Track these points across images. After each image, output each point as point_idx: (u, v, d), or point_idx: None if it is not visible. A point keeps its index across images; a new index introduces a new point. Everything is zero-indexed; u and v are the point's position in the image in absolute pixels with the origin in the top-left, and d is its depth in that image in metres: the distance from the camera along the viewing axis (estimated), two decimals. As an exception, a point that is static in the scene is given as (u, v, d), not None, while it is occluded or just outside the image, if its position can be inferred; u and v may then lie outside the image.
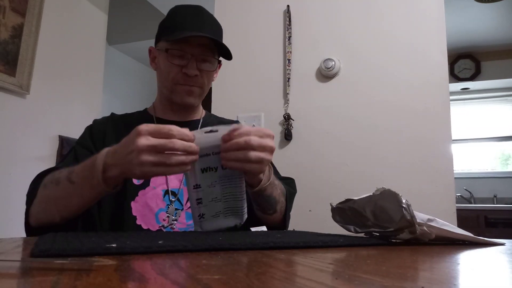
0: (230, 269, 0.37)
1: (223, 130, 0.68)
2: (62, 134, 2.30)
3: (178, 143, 0.63)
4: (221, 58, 1.00)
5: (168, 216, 0.88)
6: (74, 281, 0.30)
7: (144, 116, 1.03)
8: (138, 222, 0.87)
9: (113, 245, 0.44)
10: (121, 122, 1.01)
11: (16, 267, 0.37)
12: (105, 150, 0.69)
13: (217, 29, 0.98)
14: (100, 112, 2.63)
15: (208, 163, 0.68)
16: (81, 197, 0.73)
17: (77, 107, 2.45)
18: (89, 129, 0.99)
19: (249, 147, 0.67)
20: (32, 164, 2.09)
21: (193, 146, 0.65)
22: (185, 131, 0.65)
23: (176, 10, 0.97)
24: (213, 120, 1.10)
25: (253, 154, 0.67)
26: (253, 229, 0.89)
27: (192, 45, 0.92)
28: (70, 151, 0.95)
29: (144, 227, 0.87)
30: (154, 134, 0.63)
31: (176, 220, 0.88)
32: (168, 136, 0.63)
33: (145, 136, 0.63)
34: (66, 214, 0.76)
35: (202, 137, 0.67)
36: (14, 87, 1.99)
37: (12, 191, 1.98)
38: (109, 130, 0.97)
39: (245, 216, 0.73)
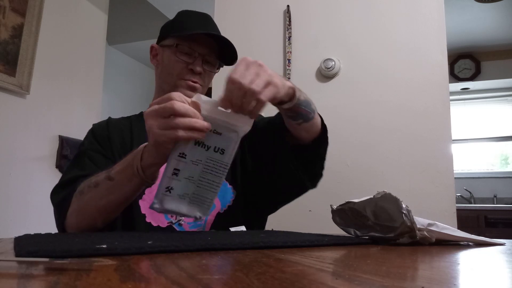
0: (230, 269, 0.37)
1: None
2: (62, 134, 2.30)
3: (177, 104, 0.62)
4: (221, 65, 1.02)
5: None
6: (74, 281, 0.30)
7: (142, 119, 1.03)
8: (147, 220, 0.88)
9: (103, 246, 0.44)
10: (121, 126, 1.01)
11: (16, 267, 0.37)
12: (144, 144, 0.71)
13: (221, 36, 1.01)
14: (100, 112, 2.63)
15: (205, 138, 0.65)
16: (123, 193, 0.74)
17: (77, 107, 2.45)
18: (91, 133, 0.99)
19: (245, 94, 0.64)
20: (32, 164, 2.09)
21: (190, 109, 0.63)
22: (187, 98, 0.65)
23: (185, 13, 1.01)
24: None
25: (264, 98, 0.65)
26: (232, 229, 0.88)
27: (201, 45, 0.95)
28: (82, 156, 0.93)
29: (154, 224, 0.88)
30: (159, 102, 0.65)
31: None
32: (168, 99, 0.64)
33: (152, 107, 0.66)
34: (107, 215, 0.78)
35: (209, 108, 0.64)
36: (14, 87, 2.00)
37: (12, 191, 1.98)
38: (112, 133, 0.97)
39: (208, 214, 0.69)
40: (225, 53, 0.98)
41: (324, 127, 0.94)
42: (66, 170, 0.94)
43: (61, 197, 0.85)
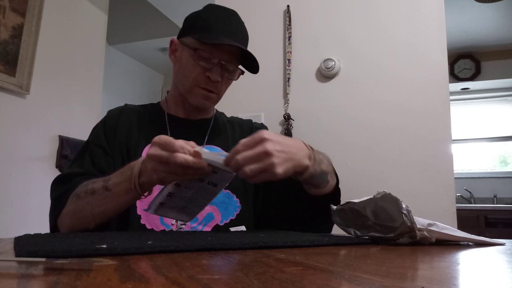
0: (230, 269, 0.37)
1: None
2: (62, 134, 2.30)
3: (179, 156, 0.64)
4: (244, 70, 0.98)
5: (177, 220, 0.87)
6: (74, 281, 0.30)
7: (156, 111, 1.03)
8: (142, 222, 0.87)
9: (103, 246, 0.44)
10: (134, 114, 1.00)
11: (16, 267, 0.37)
12: (142, 157, 0.73)
13: (247, 38, 0.96)
14: (100, 112, 2.63)
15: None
16: (118, 203, 0.76)
17: (77, 107, 2.45)
18: (103, 124, 0.98)
19: (245, 174, 0.65)
20: (32, 164, 2.09)
21: (189, 159, 0.65)
22: (189, 147, 0.66)
23: (211, 9, 0.95)
24: (223, 119, 1.09)
25: (257, 180, 0.66)
26: (232, 229, 0.88)
27: (222, 51, 0.90)
28: (85, 150, 0.94)
29: (148, 227, 0.86)
30: (162, 147, 0.67)
31: (184, 224, 0.88)
32: (171, 147, 0.66)
33: (155, 147, 0.67)
34: (101, 221, 0.79)
35: (210, 154, 0.68)
36: (14, 87, 2.00)
37: (12, 191, 1.98)
38: (121, 123, 0.97)
39: (193, 218, 0.78)
40: (248, 59, 0.93)
41: (337, 187, 0.89)
42: (71, 162, 0.96)
43: (58, 194, 0.86)
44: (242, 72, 0.98)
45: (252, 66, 0.94)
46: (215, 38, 0.88)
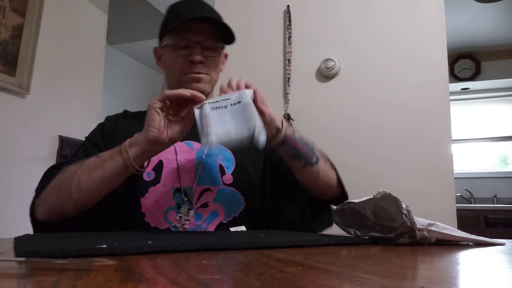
0: (230, 269, 0.37)
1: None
2: (62, 134, 2.30)
3: (168, 92, 0.74)
4: (226, 51, 1.01)
5: (180, 216, 0.87)
6: (74, 281, 0.30)
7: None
8: (146, 220, 0.86)
9: (103, 246, 0.44)
10: (134, 119, 1.01)
11: (16, 267, 0.37)
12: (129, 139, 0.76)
13: (215, 12, 0.97)
14: (100, 112, 2.63)
15: (218, 105, 0.72)
16: (105, 171, 0.74)
17: (77, 107, 2.45)
18: (100, 127, 0.99)
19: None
20: (32, 164, 2.09)
21: (191, 91, 0.75)
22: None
23: (173, 6, 0.98)
24: None
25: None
26: (232, 229, 0.88)
27: (195, 33, 0.92)
28: (81, 146, 0.95)
29: (152, 225, 0.86)
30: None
31: (188, 220, 0.87)
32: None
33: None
34: (83, 194, 0.75)
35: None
36: (14, 87, 1.99)
37: (12, 191, 1.98)
38: (120, 126, 0.97)
39: (260, 131, 0.66)
40: (226, 32, 0.94)
41: (341, 184, 0.94)
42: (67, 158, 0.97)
43: (43, 178, 0.85)
44: (223, 47, 0.99)
45: (228, 36, 0.95)
46: (181, 20, 0.90)
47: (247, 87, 0.78)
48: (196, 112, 0.72)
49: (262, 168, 0.99)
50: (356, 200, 0.69)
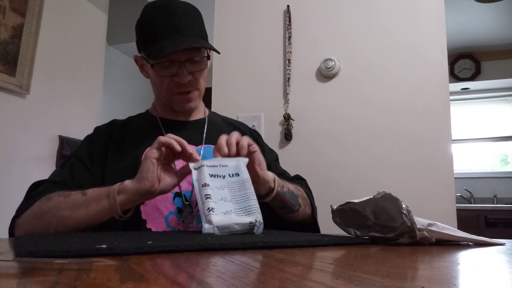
0: (230, 269, 0.37)
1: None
2: (62, 134, 2.30)
3: (179, 143, 0.74)
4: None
5: (183, 220, 0.86)
6: (74, 281, 0.30)
7: (148, 118, 1.03)
8: (148, 226, 0.86)
9: (103, 246, 0.44)
10: (125, 128, 0.99)
11: (16, 267, 0.37)
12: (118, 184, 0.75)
13: (196, 22, 0.93)
14: (100, 112, 2.63)
15: (216, 171, 0.72)
16: (88, 212, 0.74)
17: (77, 107, 2.45)
18: (89, 140, 0.97)
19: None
20: (32, 164, 2.09)
21: (188, 147, 0.75)
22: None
23: (149, 10, 0.93)
24: (217, 119, 1.09)
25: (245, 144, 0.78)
26: None
27: (177, 54, 0.88)
28: (67, 161, 0.94)
29: (154, 230, 0.86)
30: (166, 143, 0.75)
31: (191, 223, 0.87)
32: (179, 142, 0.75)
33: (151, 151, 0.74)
34: (63, 228, 0.75)
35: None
36: (14, 87, 1.99)
37: (12, 191, 1.98)
38: (114, 138, 0.96)
39: (259, 215, 0.69)
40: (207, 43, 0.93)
41: (314, 216, 1.00)
42: (53, 172, 0.95)
43: (27, 196, 0.86)
44: (209, 57, 0.97)
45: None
46: (161, 50, 0.86)
47: (248, 148, 0.80)
48: (194, 173, 0.72)
49: None
50: (356, 200, 0.69)
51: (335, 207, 0.73)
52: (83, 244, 0.46)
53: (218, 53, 0.96)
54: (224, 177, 0.72)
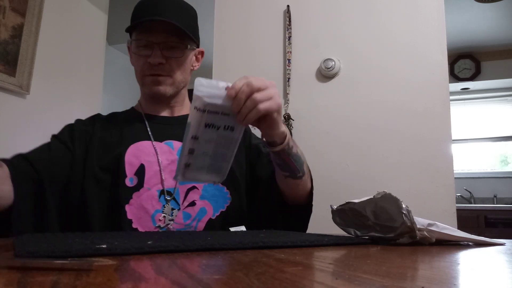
0: (230, 269, 0.37)
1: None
2: (62, 134, 2.30)
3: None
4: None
5: (164, 216, 0.85)
6: (74, 281, 0.30)
7: (132, 114, 1.03)
8: (134, 226, 0.84)
9: (103, 246, 0.44)
10: (109, 122, 0.99)
11: (16, 267, 0.37)
12: None
13: (185, 13, 0.93)
14: (100, 112, 2.63)
15: (214, 121, 0.68)
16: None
17: (77, 107, 2.45)
18: (69, 128, 0.96)
19: (254, 103, 0.67)
20: (32, 164, 2.09)
21: None
22: None
23: (139, 2, 0.94)
24: None
25: (262, 108, 0.68)
26: (232, 229, 0.88)
27: (155, 33, 0.89)
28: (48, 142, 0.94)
29: (141, 229, 0.84)
30: None
31: (172, 220, 0.86)
32: None
33: None
34: None
35: (218, 93, 0.67)
36: (14, 87, 1.99)
37: (12, 191, 1.97)
38: (98, 130, 0.95)
39: (225, 177, 0.74)
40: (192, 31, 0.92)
41: (311, 194, 0.95)
42: None
43: None
44: (197, 46, 0.96)
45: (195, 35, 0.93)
46: (137, 20, 0.88)
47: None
48: (192, 115, 0.66)
49: (244, 162, 0.99)
50: (356, 200, 0.69)
51: (335, 207, 0.73)
52: (83, 244, 0.46)
53: (198, 46, 0.96)
54: (218, 128, 0.69)
